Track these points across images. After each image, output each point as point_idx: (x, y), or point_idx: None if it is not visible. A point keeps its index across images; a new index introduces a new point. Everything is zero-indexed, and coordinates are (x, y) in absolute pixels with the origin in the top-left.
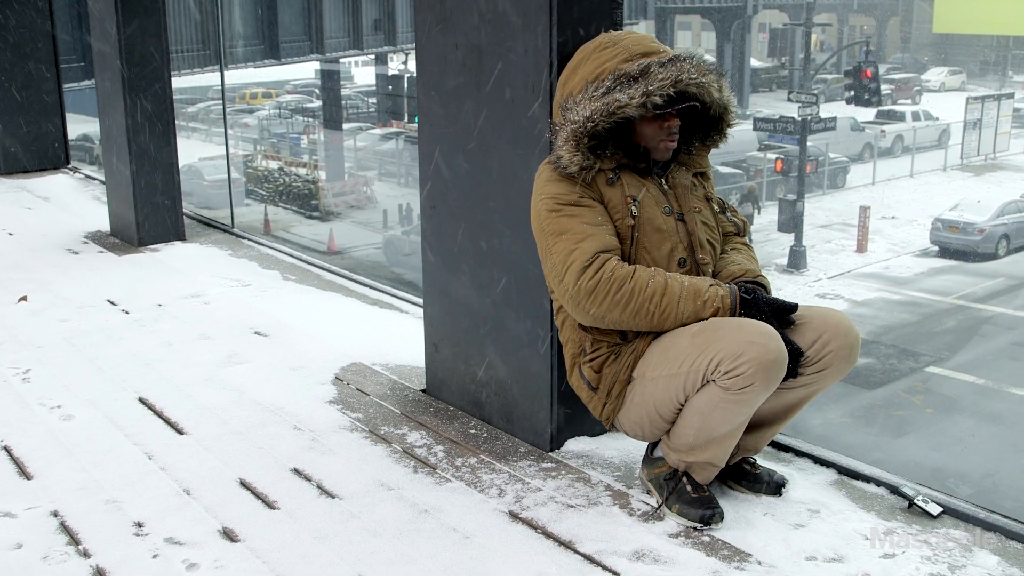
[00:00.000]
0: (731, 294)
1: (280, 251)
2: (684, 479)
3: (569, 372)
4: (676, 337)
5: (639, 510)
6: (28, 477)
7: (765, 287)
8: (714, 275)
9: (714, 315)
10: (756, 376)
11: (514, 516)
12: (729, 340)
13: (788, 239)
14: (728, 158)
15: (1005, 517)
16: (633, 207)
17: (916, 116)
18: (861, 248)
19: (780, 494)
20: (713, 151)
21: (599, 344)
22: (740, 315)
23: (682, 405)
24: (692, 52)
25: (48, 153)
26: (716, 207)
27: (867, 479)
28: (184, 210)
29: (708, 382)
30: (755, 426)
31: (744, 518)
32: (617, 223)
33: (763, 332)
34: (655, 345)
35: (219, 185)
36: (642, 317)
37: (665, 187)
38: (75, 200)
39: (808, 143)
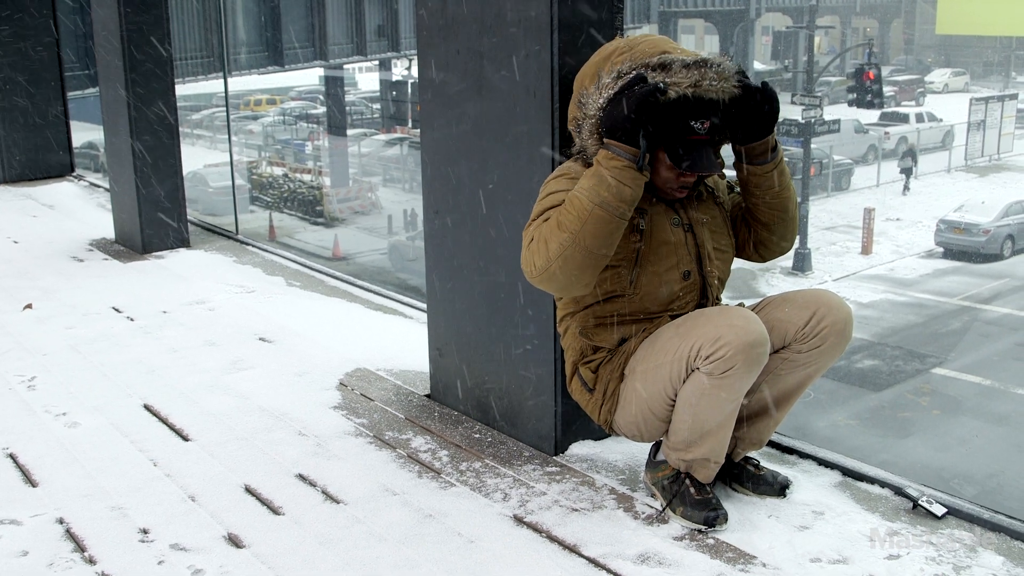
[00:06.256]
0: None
1: (285, 257)
2: (687, 481)
3: (569, 379)
4: (662, 331)
5: (644, 513)
6: (34, 484)
7: None
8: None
9: (616, 165)
10: (736, 358)
11: (519, 520)
12: (709, 326)
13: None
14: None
15: (1010, 517)
16: (641, 221)
17: (920, 118)
18: (866, 250)
19: (784, 496)
20: None
21: (600, 349)
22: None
23: (672, 400)
24: (716, 57)
25: (53, 161)
26: (726, 190)
27: (871, 480)
28: (189, 217)
29: (693, 370)
30: (757, 415)
31: (748, 520)
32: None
33: (743, 316)
34: (644, 342)
35: (224, 192)
36: (567, 232)
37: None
38: (80, 208)
39: (812, 145)
